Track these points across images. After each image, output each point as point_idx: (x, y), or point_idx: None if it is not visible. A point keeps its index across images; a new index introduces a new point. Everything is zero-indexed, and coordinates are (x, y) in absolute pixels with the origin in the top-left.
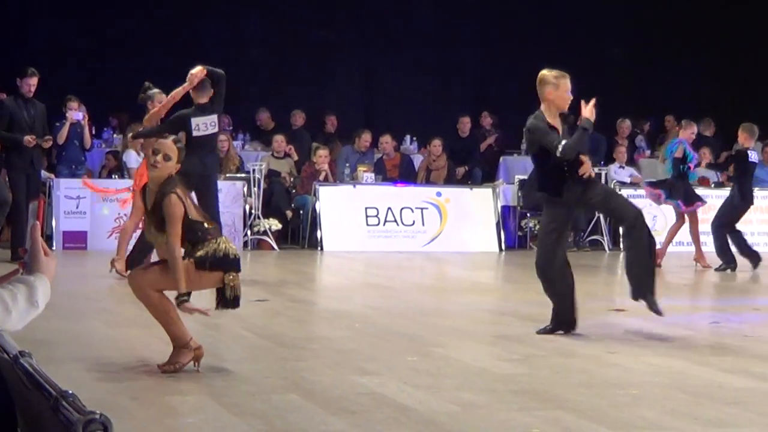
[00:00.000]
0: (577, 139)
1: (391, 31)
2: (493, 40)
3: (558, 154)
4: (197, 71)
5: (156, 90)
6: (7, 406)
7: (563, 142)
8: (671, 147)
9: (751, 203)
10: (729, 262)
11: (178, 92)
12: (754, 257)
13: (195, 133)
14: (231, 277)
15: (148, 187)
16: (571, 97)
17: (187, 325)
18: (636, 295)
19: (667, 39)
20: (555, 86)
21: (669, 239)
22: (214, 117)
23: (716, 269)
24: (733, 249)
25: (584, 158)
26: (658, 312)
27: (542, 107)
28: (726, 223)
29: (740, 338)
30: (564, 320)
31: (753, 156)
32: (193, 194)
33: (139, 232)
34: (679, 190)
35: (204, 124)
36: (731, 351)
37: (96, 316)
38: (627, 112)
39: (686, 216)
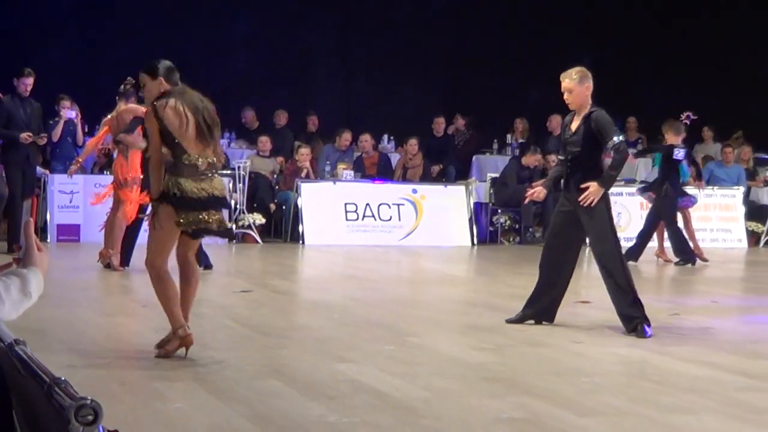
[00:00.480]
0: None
1: (371, 35)
2: (467, 46)
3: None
4: None
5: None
6: (2, 392)
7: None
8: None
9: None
10: (688, 259)
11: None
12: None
13: None
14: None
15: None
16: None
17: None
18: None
19: (628, 48)
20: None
21: (691, 235)
22: None
23: (676, 264)
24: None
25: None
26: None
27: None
28: (675, 221)
29: (698, 330)
30: (547, 310)
31: (679, 154)
32: None
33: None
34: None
35: None
36: (689, 341)
37: (88, 306)
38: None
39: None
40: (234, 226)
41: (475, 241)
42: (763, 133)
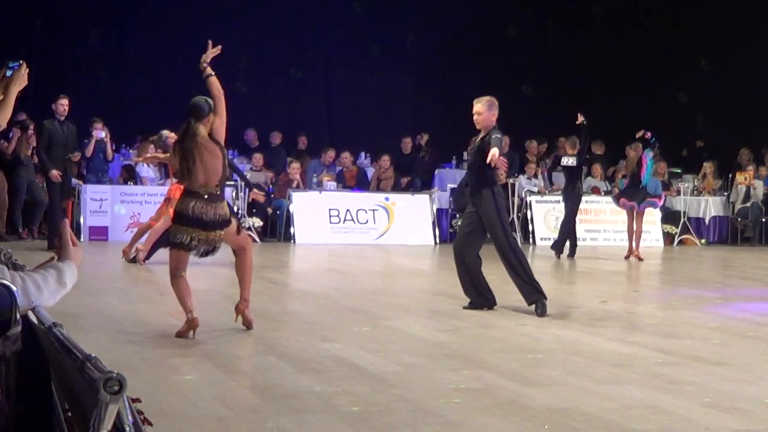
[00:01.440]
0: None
1: (350, 68)
2: (429, 84)
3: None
4: None
5: (165, 132)
6: (43, 367)
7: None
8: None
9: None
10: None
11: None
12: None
13: None
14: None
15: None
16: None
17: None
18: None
19: (568, 76)
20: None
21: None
22: None
23: (569, 256)
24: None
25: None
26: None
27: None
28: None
29: (622, 314)
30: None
31: (567, 161)
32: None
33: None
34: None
35: None
36: (616, 324)
37: (114, 294)
38: (534, 135)
39: (636, 214)
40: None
41: (438, 241)
42: (676, 152)
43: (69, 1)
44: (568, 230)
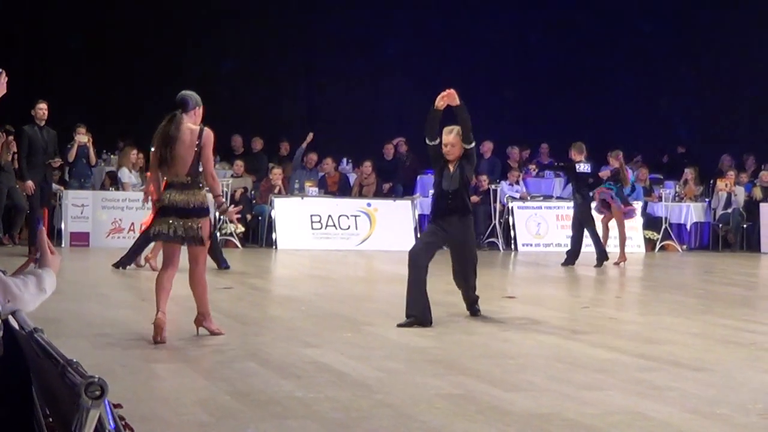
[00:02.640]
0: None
1: (332, 76)
2: (411, 83)
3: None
4: None
5: None
6: (24, 372)
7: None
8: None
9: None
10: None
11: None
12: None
13: None
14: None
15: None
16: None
17: (169, 306)
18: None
19: (550, 82)
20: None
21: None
22: None
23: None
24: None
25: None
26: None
27: None
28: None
29: (604, 320)
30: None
31: (582, 167)
32: None
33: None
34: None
35: None
36: (597, 330)
37: (95, 300)
38: (516, 141)
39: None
40: (218, 234)
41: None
42: (657, 159)
43: (51, 5)
44: (597, 238)
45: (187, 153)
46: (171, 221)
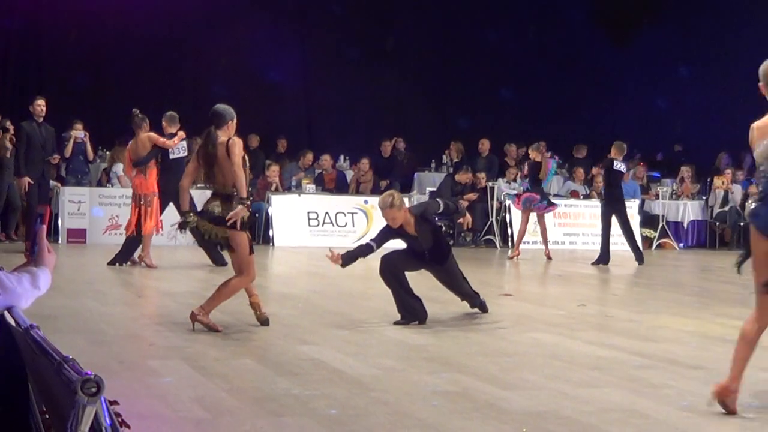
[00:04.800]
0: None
1: (329, 72)
2: (409, 80)
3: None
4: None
5: (142, 116)
6: (20, 369)
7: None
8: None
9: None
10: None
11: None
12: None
13: (171, 156)
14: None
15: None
16: None
17: (163, 302)
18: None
19: (547, 79)
20: None
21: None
22: (184, 143)
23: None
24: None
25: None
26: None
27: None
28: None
29: (601, 317)
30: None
31: (618, 165)
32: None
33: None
34: None
35: (178, 149)
36: (594, 327)
37: (92, 297)
38: (513, 138)
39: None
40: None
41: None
42: (653, 156)
43: (47, 2)
44: (632, 236)
45: (227, 167)
46: (200, 222)
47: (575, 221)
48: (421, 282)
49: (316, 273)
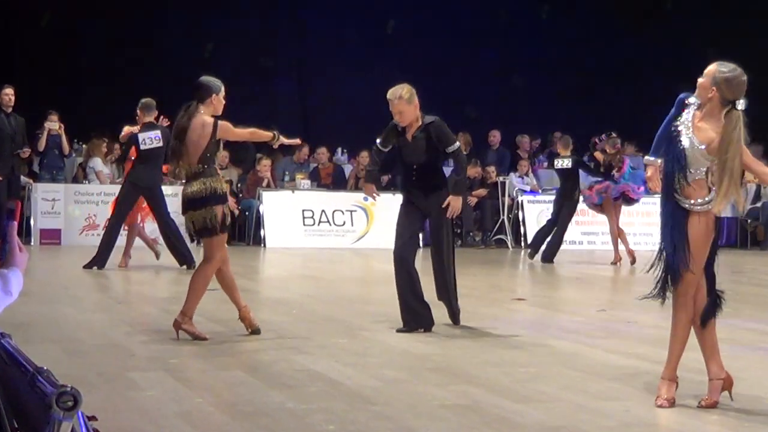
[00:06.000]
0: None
1: (325, 57)
2: (411, 66)
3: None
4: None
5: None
6: None
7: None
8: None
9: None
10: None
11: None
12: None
13: (142, 147)
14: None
15: None
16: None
17: (145, 309)
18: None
19: (563, 65)
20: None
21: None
22: (158, 132)
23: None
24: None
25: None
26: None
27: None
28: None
29: (623, 324)
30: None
31: (560, 163)
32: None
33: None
34: None
35: (149, 138)
36: (615, 335)
37: (68, 303)
38: (526, 129)
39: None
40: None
41: (421, 244)
42: None
43: None
44: (560, 239)
45: (198, 143)
46: (189, 217)
47: (593, 219)
48: (427, 286)
49: (311, 276)
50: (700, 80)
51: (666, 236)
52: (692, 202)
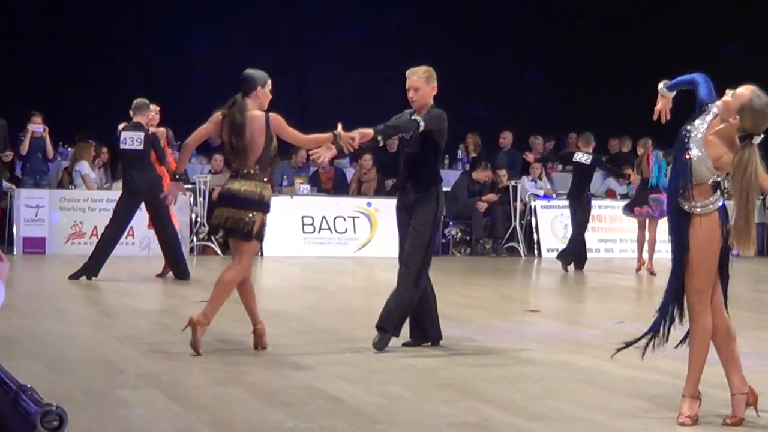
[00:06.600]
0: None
1: (325, 54)
2: (417, 62)
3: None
4: None
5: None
6: None
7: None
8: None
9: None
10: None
11: None
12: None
13: (122, 146)
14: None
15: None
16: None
17: (135, 322)
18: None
19: (579, 61)
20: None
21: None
22: (141, 135)
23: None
24: None
25: None
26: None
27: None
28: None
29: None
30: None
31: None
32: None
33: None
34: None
35: (131, 139)
36: (634, 348)
37: (53, 316)
38: (539, 130)
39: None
40: (195, 239)
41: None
42: None
43: None
44: (579, 241)
45: (257, 140)
46: (223, 213)
47: (611, 225)
48: (439, 297)
49: (311, 287)
50: (727, 98)
51: (671, 242)
52: (693, 204)
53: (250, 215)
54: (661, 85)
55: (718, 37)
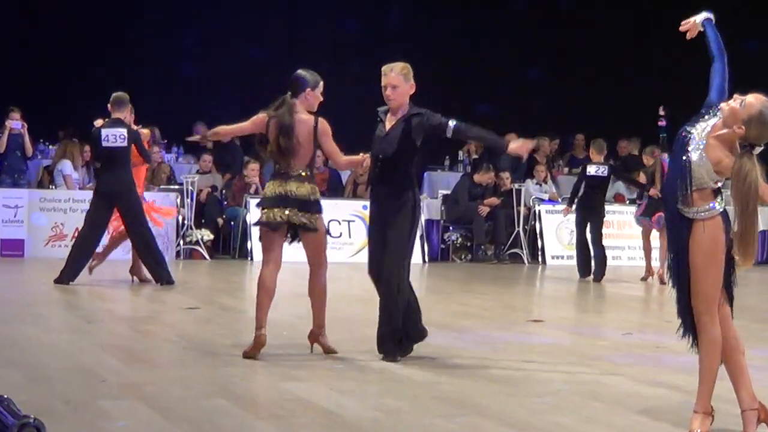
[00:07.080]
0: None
1: (320, 51)
2: (417, 62)
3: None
4: None
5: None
6: None
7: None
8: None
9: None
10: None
11: None
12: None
13: (104, 144)
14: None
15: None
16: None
17: (117, 329)
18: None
19: (586, 58)
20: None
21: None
22: (124, 131)
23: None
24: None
25: None
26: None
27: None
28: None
29: (651, 349)
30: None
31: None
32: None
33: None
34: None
35: (114, 136)
36: (642, 361)
37: (31, 322)
38: (544, 130)
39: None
40: (182, 242)
41: (427, 259)
42: None
43: None
44: (601, 251)
45: (309, 143)
46: (285, 210)
47: (619, 231)
48: (432, 306)
49: (303, 294)
50: (735, 105)
51: (672, 254)
52: (695, 209)
53: (315, 218)
54: (702, 16)
55: (734, 33)
